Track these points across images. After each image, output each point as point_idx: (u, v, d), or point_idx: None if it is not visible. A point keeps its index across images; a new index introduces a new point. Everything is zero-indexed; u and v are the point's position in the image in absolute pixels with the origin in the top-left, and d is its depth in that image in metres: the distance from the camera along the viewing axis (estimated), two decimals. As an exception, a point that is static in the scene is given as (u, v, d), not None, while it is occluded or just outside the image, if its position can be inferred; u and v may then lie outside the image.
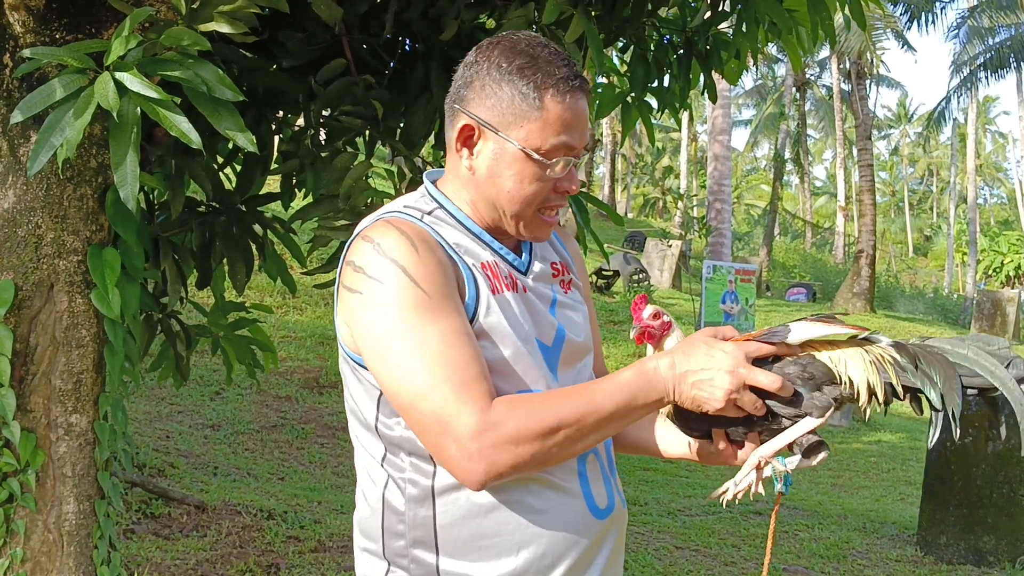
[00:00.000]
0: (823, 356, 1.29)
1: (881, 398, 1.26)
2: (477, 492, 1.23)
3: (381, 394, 1.27)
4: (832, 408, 1.25)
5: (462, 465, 1.18)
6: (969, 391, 1.24)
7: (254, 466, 6.02)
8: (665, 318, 1.36)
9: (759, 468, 1.26)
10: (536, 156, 1.29)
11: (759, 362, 1.26)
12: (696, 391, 1.22)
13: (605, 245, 3.61)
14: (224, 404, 7.51)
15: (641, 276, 17.34)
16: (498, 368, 1.26)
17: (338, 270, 1.34)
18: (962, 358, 1.24)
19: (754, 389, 1.24)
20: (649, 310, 1.36)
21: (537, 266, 1.40)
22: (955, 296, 30.98)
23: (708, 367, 1.22)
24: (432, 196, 1.37)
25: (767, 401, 1.25)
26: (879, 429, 11.43)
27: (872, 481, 8.34)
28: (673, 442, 1.48)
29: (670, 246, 19.97)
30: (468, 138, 1.33)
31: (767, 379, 1.23)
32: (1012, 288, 31.07)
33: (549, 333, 1.35)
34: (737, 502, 1.32)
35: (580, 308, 1.44)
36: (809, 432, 1.25)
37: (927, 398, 1.24)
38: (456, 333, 1.21)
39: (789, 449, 1.29)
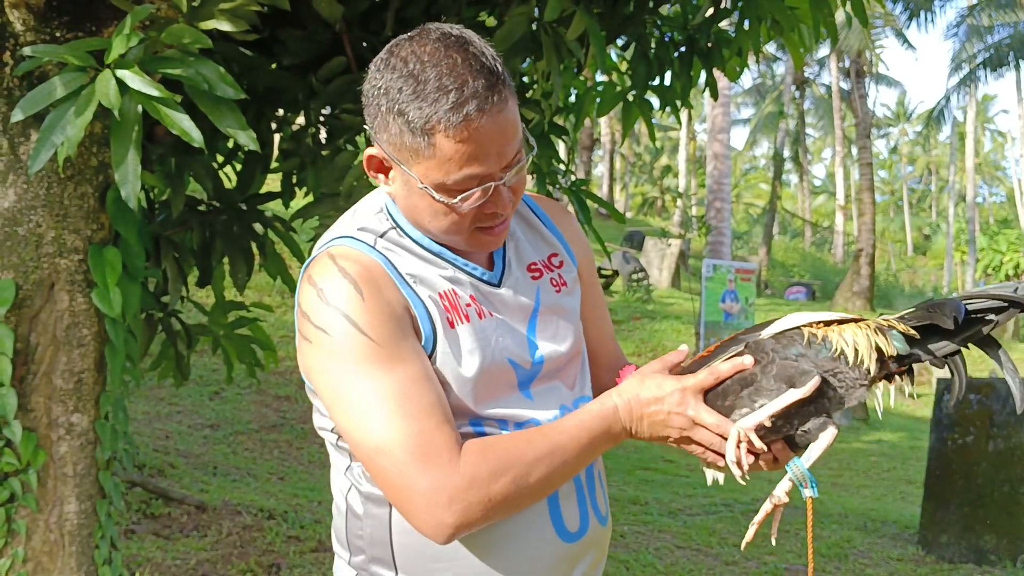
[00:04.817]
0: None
1: (889, 351, 1.16)
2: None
3: None
4: (817, 378, 1.15)
5: (431, 519, 1.12)
6: (977, 314, 1.15)
7: (254, 466, 6.01)
8: None
9: (739, 443, 1.17)
10: (438, 196, 1.16)
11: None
12: (652, 431, 1.20)
13: (605, 244, 3.59)
14: (224, 404, 7.50)
15: (640, 275, 17.33)
16: (456, 404, 1.19)
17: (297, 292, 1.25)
18: (964, 293, 1.20)
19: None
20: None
21: (512, 275, 1.29)
22: (954, 295, 30.95)
23: (660, 408, 1.19)
24: (388, 213, 1.26)
25: (748, 391, 1.18)
26: (880, 428, 11.44)
27: (873, 480, 8.34)
28: None
29: (669, 245, 19.96)
30: (379, 165, 1.22)
31: (712, 419, 1.18)
32: (1011, 287, 30.98)
33: (524, 355, 1.26)
34: (773, 532, 1.25)
35: (572, 308, 1.35)
36: (792, 406, 1.16)
37: (939, 330, 1.16)
38: (413, 380, 1.14)
39: (794, 447, 1.21)
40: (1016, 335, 20.00)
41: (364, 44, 2.96)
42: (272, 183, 3.31)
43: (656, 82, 3.48)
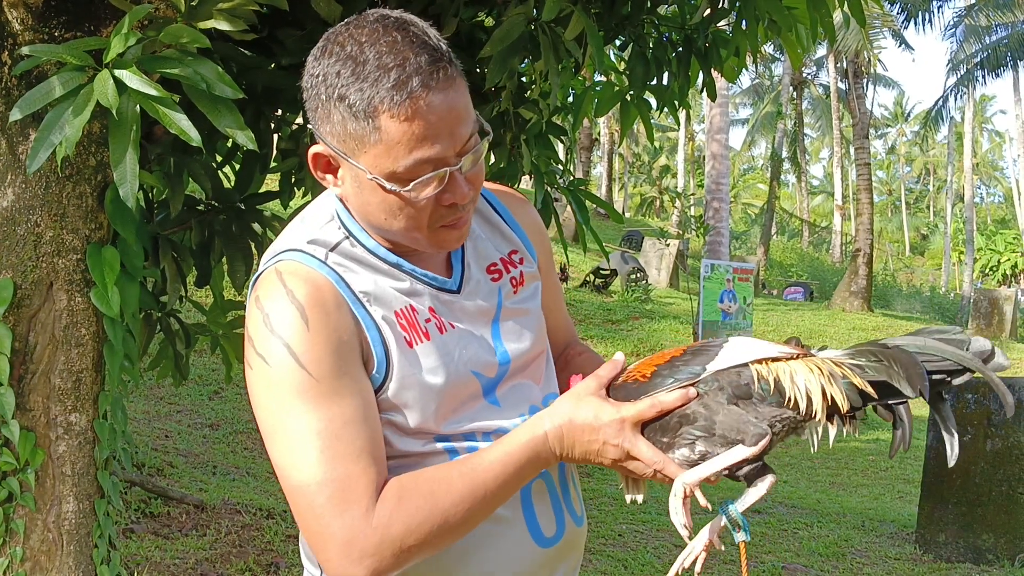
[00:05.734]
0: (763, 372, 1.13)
1: (844, 407, 1.10)
2: None
3: None
4: (768, 437, 1.10)
5: (341, 571, 1.08)
6: (935, 376, 1.10)
7: (253, 465, 6.01)
8: None
9: (686, 497, 1.12)
10: (389, 186, 1.09)
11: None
12: (585, 457, 1.16)
13: (604, 244, 3.61)
14: (223, 403, 7.50)
15: (639, 275, 17.34)
16: (420, 425, 1.16)
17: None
18: (921, 347, 1.13)
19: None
20: None
21: (472, 279, 1.25)
22: (952, 295, 31.03)
23: (595, 438, 1.14)
24: (341, 222, 1.19)
25: (689, 430, 1.13)
26: (877, 427, 11.44)
27: (871, 479, 8.35)
28: None
29: (668, 245, 19.98)
30: (326, 164, 1.15)
31: (648, 455, 1.13)
32: (1008, 287, 31.12)
33: (490, 360, 1.23)
34: (697, 571, 1.17)
35: (533, 305, 1.31)
36: (744, 461, 1.11)
37: (896, 389, 1.10)
38: (346, 420, 1.09)
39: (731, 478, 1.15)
40: (1014, 335, 20.03)
41: (362, 44, 2.96)
42: (271, 183, 3.31)
43: (654, 82, 3.48)
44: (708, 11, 3.35)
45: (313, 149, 1.14)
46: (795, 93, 33.87)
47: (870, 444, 10.25)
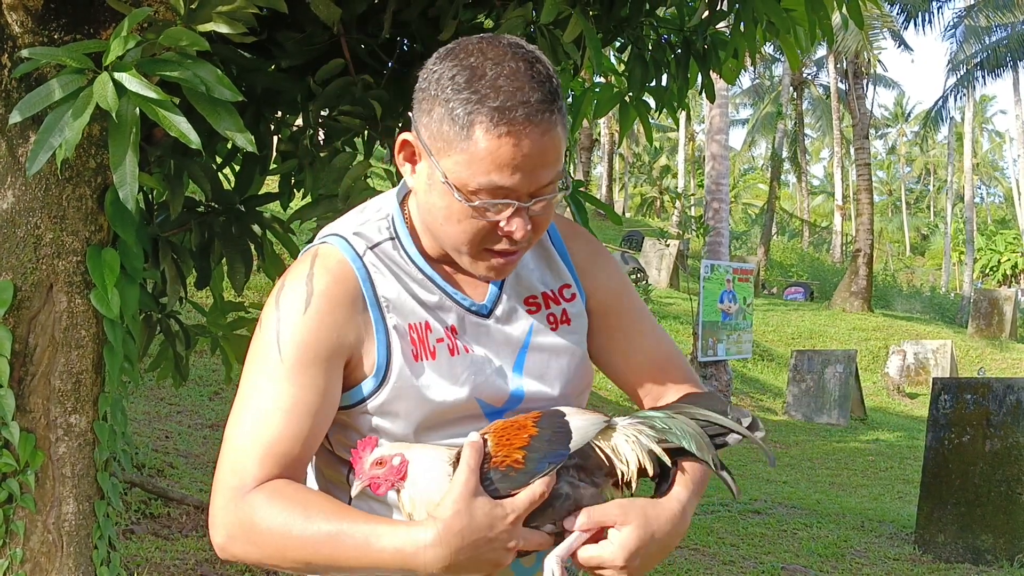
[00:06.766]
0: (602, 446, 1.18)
1: (651, 472, 1.18)
2: None
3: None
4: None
5: (212, 530, 1.15)
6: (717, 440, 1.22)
7: (253, 466, 6.01)
8: (395, 461, 1.13)
9: (564, 571, 1.14)
10: (457, 195, 1.12)
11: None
12: (471, 568, 1.09)
13: (604, 245, 3.63)
14: (223, 404, 7.50)
15: (639, 276, 17.35)
16: (400, 433, 1.18)
17: None
18: (704, 417, 1.22)
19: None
20: (372, 456, 1.14)
21: (504, 306, 1.25)
22: (952, 295, 31.02)
23: (492, 547, 1.08)
24: (392, 222, 1.24)
25: (555, 508, 1.14)
26: (877, 428, 11.46)
27: (870, 480, 8.36)
28: None
29: (668, 245, 20.00)
30: (410, 153, 1.18)
31: (538, 543, 1.12)
32: (1008, 287, 31.15)
33: (502, 392, 1.22)
34: None
35: (569, 347, 1.28)
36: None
37: (691, 453, 1.20)
38: (279, 408, 1.14)
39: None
40: (1013, 335, 20.03)
41: (362, 46, 2.97)
42: (270, 184, 3.32)
43: (653, 84, 3.49)
44: (706, 13, 3.36)
45: (404, 135, 1.18)
46: (795, 93, 33.87)
47: (870, 445, 10.26)
